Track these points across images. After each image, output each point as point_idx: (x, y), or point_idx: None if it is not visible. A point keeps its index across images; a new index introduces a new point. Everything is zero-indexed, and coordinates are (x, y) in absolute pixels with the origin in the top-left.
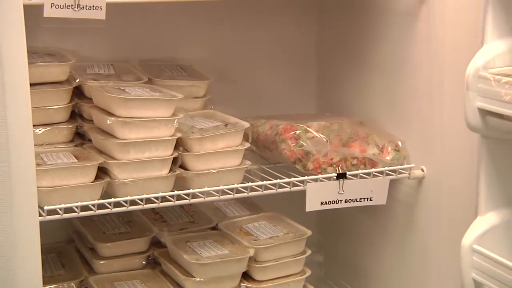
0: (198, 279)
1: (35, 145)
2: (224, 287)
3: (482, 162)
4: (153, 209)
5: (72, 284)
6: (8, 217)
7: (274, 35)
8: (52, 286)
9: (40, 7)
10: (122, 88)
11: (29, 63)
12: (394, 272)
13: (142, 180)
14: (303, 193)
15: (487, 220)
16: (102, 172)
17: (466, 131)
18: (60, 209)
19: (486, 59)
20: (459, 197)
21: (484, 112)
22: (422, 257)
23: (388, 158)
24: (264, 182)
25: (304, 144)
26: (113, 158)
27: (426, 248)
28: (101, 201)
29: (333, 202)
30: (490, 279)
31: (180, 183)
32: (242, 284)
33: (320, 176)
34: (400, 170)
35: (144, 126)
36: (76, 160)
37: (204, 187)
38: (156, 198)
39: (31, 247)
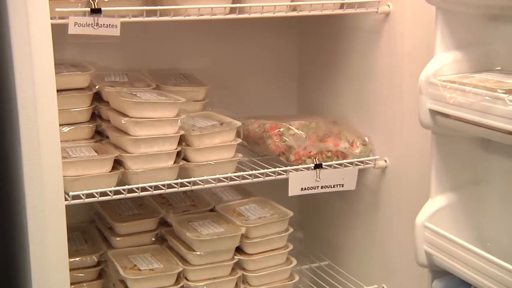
0: (198, 253)
1: (61, 141)
2: (220, 259)
3: (433, 154)
4: (160, 194)
5: (93, 257)
6: (40, 202)
7: (262, 49)
8: (77, 258)
9: (65, 26)
10: (134, 93)
11: (56, 72)
12: (361, 245)
13: (151, 170)
14: (286, 181)
15: (436, 202)
16: (117, 163)
17: (420, 128)
18: (82, 194)
19: (435, 69)
20: (414, 183)
21: (434, 112)
22: (385, 233)
23: (357, 151)
24: (254, 172)
25: (287, 139)
26: (126, 152)
27: (388, 226)
28: (117, 188)
29: (311, 188)
30: (438, 251)
31: (183, 173)
32: (235, 256)
33: (300, 166)
34: (367, 161)
35: (153, 125)
36: (95, 154)
37: (203, 176)
38: (163, 185)
39: (59, 226)
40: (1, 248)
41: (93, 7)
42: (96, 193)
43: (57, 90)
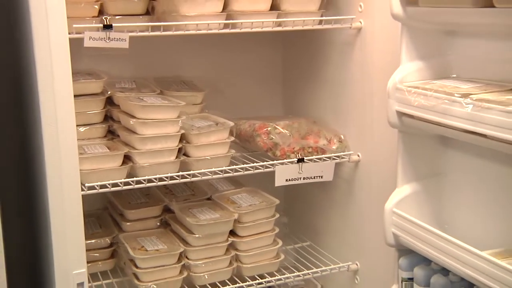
0: (197, 236)
1: (78, 139)
2: (216, 241)
3: (399, 149)
4: (164, 185)
5: (107, 239)
6: (59, 192)
7: (251, 59)
8: (92, 240)
9: (81, 40)
10: (141, 97)
11: (74, 80)
12: (338, 228)
13: (156, 164)
14: (272, 173)
15: (402, 190)
16: (127, 158)
17: (388, 128)
18: (97, 185)
19: (401, 76)
20: (383, 175)
21: (400, 114)
22: (358, 218)
23: (334, 147)
24: (245, 165)
25: (273, 137)
26: (134, 148)
27: (361, 211)
28: (126, 179)
29: (295, 179)
30: (404, 232)
31: (183, 166)
32: (229, 238)
33: (285, 160)
34: (342, 156)
35: (157, 125)
36: (108, 150)
37: (201, 169)
38: (166, 177)
39: (76, 213)
40: (27, 233)
41: (105, 23)
42: (109, 184)
43: (74, 95)
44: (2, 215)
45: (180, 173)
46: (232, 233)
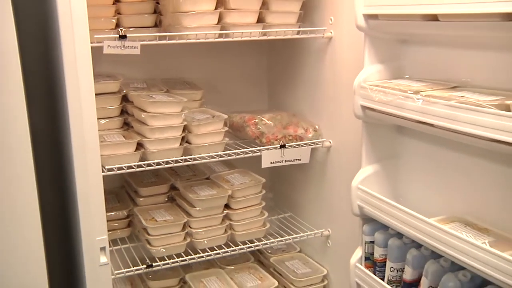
0: (198, 209)
1: (99, 130)
2: (213, 213)
3: (363, 137)
4: (170, 167)
5: (124, 212)
6: (84, 174)
7: (242, 62)
8: (112, 213)
9: (101, 48)
10: (150, 95)
11: (95, 81)
12: (313, 202)
13: (163, 150)
14: (259, 157)
15: (366, 170)
16: (139, 145)
17: (354, 119)
18: (115, 168)
19: (364, 76)
20: (350, 157)
21: (364, 108)
22: (329, 193)
23: (310, 135)
24: (237, 151)
25: (260, 127)
26: (145, 137)
27: (332, 187)
28: (139, 163)
29: (278, 162)
30: (367, 204)
31: (186, 152)
32: (224, 211)
33: (270, 146)
34: (317, 142)
35: (164, 118)
36: (124, 139)
37: (201, 154)
38: (172, 161)
39: (98, 190)
40: (60, 209)
41: (121, 34)
42: (124, 166)
43: (96, 94)
44: (42, 199)
45: (183, 157)
46: (227, 206)
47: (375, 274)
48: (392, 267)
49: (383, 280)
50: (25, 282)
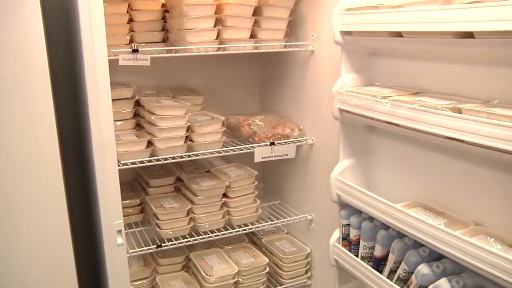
0: (200, 197)
1: (115, 130)
2: (213, 200)
3: (340, 135)
4: (176, 162)
5: (137, 200)
6: (103, 167)
7: (237, 72)
8: (127, 201)
9: (117, 60)
10: (159, 100)
11: (112, 88)
12: (299, 191)
13: (170, 147)
14: (252, 153)
15: (343, 164)
16: (149, 143)
17: (333, 120)
18: (129, 162)
19: (341, 84)
20: (330, 153)
21: (341, 110)
22: (312, 183)
23: (295, 134)
24: (233, 147)
25: (253, 127)
26: (155, 136)
27: (314, 178)
28: (149, 158)
29: (268, 157)
30: (344, 193)
31: (189, 149)
32: (222, 199)
33: (261, 144)
34: (301, 140)
35: (171, 119)
36: (136, 138)
37: (202, 150)
38: (177, 156)
39: (115, 182)
40: (84, 198)
41: (133, 49)
42: (137, 161)
43: (112, 99)
44: (68, 186)
45: (187, 153)
46: (225, 195)
47: (350, 252)
48: (365, 246)
49: (357, 257)
50: (55, 261)
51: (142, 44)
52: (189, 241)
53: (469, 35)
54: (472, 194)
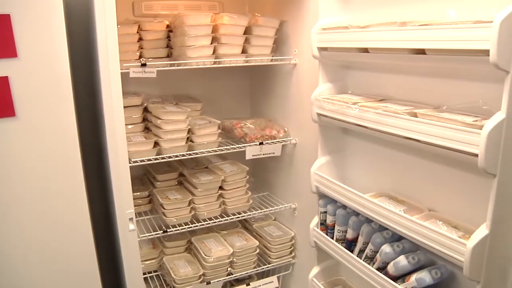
0: (199, 190)
1: (126, 133)
2: (211, 192)
3: (319, 136)
4: (179, 159)
5: (146, 192)
6: (117, 165)
7: (231, 83)
8: (137, 193)
9: (128, 73)
10: (164, 107)
11: (124, 97)
12: (284, 183)
13: (173, 147)
14: (244, 151)
15: (321, 160)
16: (156, 144)
17: (312, 123)
18: (138, 160)
19: (319, 92)
20: (310, 151)
21: (319, 115)
22: (296, 177)
23: (281, 135)
24: (227, 147)
25: (245, 129)
26: (160, 138)
27: (297, 173)
28: (156, 156)
29: (258, 155)
30: (321, 184)
31: (190, 148)
32: (218, 191)
33: (252, 143)
34: (286, 140)
35: (174, 123)
36: (144, 139)
37: (201, 150)
38: (180, 155)
39: (126, 177)
40: (101, 191)
41: (142, 63)
42: (145, 159)
43: (124, 106)
44: (88, 181)
45: (188, 152)
46: (221, 187)
47: (327, 235)
48: (339, 230)
49: (333, 239)
50: (76, 245)
51: (150, 59)
52: (191, 227)
53: (422, 51)
54: (427, 185)
